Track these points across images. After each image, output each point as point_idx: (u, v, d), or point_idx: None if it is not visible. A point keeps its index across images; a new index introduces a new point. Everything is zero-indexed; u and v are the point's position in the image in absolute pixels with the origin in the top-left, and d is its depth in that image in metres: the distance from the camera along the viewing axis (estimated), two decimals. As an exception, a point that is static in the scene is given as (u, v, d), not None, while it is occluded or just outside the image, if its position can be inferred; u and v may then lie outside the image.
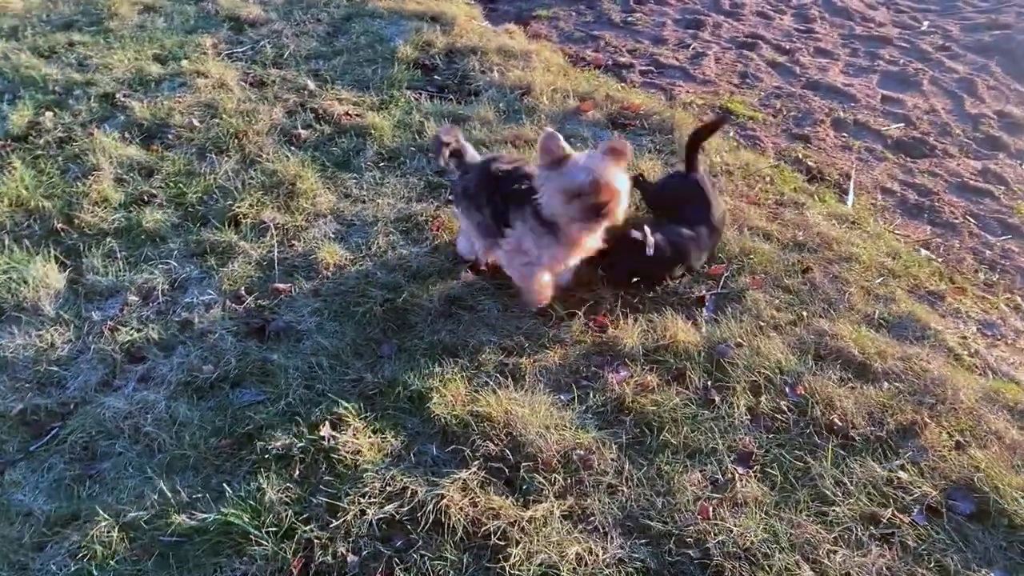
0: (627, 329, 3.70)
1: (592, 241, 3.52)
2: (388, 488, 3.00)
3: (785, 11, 7.93)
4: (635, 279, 3.94)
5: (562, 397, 3.41)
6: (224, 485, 3.04)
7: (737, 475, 3.10)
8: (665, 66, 6.60)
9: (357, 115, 5.29)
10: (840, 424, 3.30)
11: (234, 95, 5.47)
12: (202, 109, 5.32)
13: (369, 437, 3.21)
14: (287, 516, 2.91)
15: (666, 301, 3.92)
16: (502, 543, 2.83)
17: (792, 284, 4.03)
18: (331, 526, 2.88)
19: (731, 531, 2.88)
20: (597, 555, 2.81)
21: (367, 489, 2.99)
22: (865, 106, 6.13)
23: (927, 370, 3.56)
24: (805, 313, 3.86)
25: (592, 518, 2.95)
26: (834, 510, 2.98)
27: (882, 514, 2.97)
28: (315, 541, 2.84)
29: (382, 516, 2.92)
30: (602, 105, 5.49)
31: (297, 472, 3.08)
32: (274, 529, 2.87)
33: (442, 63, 6.05)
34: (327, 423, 3.24)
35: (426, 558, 2.79)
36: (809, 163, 5.26)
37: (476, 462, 3.11)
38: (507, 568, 2.75)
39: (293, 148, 4.97)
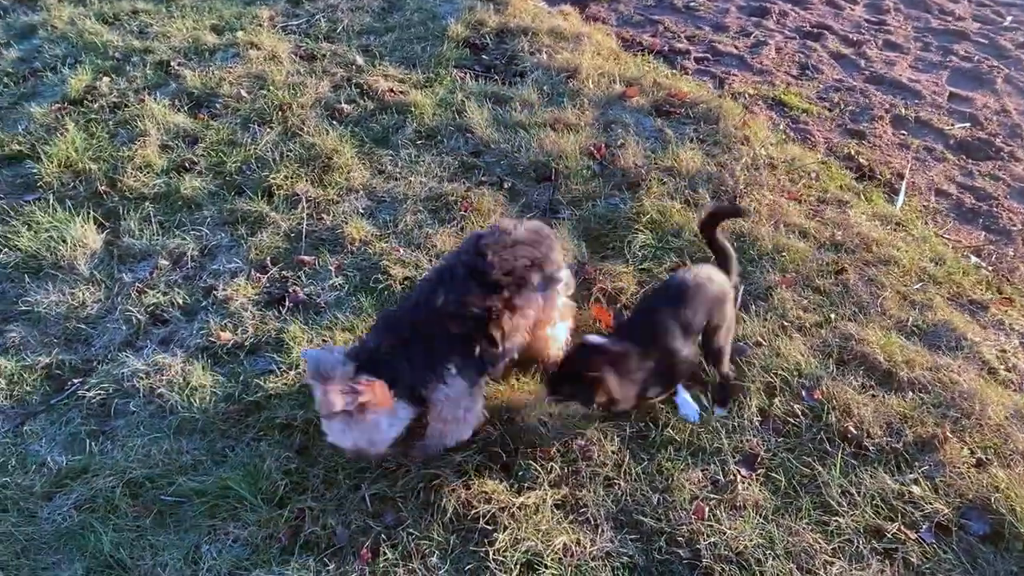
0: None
1: None
2: (384, 464, 3.03)
3: (857, 1, 7.62)
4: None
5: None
6: (227, 451, 3.12)
7: (739, 477, 3.03)
8: (722, 54, 6.43)
9: (401, 92, 5.30)
10: (855, 432, 3.18)
11: (284, 67, 5.54)
12: (251, 80, 5.41)
13: (373, 413, 3.23)
14: (283, 485, 2.96)
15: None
16: (490, 527, 2.83)
17: (823, 285, 3.89)
18: (324, 498, 2.92)
19: (725, 534, 2.82)
20: (584, 547, 2.79)
21: (363, 464, 3.02)
22: (930, 103, 5.86)
23: (956, 382, 3.40)
24: (833, 315, 3.73)
25: (585, 509, 2.92)
26: (837, 520, 2.88)
27: (887, 528, 2.86)
28: (307, 511, 2.89)
29: (375, 492, 2.95)
30: (649, 91, 5.38)
31: (298, 442, 3.13)
32: (269, 497, 2.93)
33: (492, 43, 6.01)
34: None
35: (414, 536, 2.81)
36: (861, 160, 5.06)
37: (474, 445, 3.11)
38: (491, 552, 2.74)
39: (334, 123, 5.01)
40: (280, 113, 5.04)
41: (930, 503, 2.93)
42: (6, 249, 4.03)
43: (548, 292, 3.14)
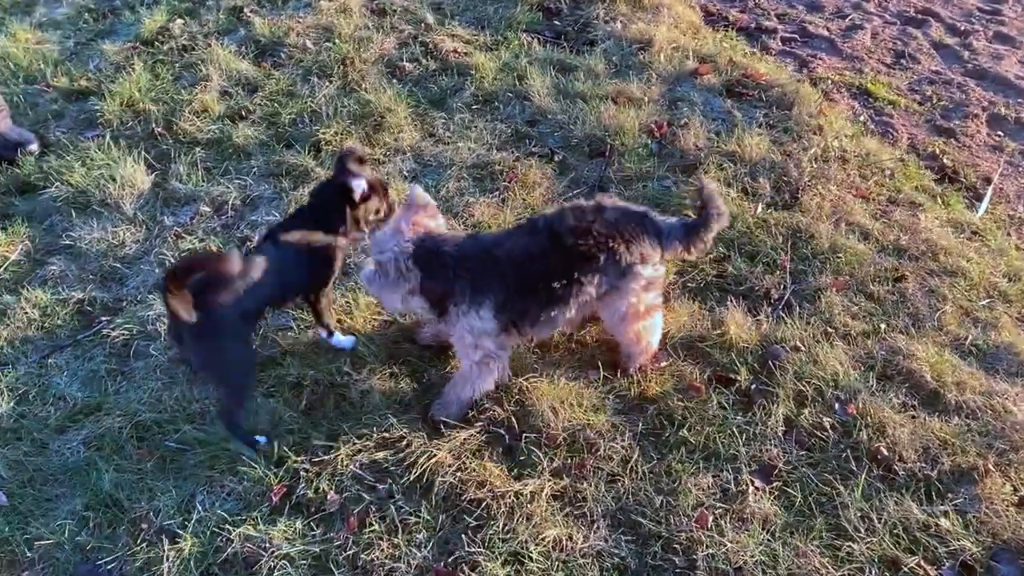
0: (677, 311, 3.47)
1: None
2: (385, 435, 2.98)
3: (972, -13, 7.08)
4: None
5: (590, 374, 3.25)
6: (235, 405, 3.12)
7: (752, 488, 2.86)
8: (812, 35, 6.06)
9: (465, 54, 5.18)
10: (886, 454, 2.96)
11: (353, 21, 5.48)
12: (318, 31, 5.37)
13: (384, 381, 3.19)
14: (283, 444, 2.94)
15: (732, 290, 3.64)
16: (483, 511, 2.75)
17: (878, 292, 3.63)
18: (321, 462, 2.89)
19: (725, 546, 2.67)
20: (576, 542, 2.68)
21: (365, 431, 2.98)
22: (1036, 103, 5.41)
23: (1010, 411, 3.13)
24: (884, 325, 3.48)
25: (583, 504, 2.81)
26: (850, 546, 2.69)
27: (905, 561, 2.65)
28: (302, 473, 2.86)
29: (374, 460, 2.91)
30: (723, 70, 5.10)
31: (304, 403, 3.11)
32: (268, 454, 2.92)
33: (566, 8, 5.80)
34: (347, 358, 3.25)
35: (403, 511, 2.76)
36: (945, 161, 4.69)
37: (479, 424, 3.03)
38: (476, 539, 2.67)
39: (394, 80, 4.94)
40: (342, 67, 5.00)
41: (958, 539, 2.71)
42: (58, 183, 4.12)
43: (622, 283, 2.94)
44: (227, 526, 2.70)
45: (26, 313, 3.49)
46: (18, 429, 3.06)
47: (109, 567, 2.65)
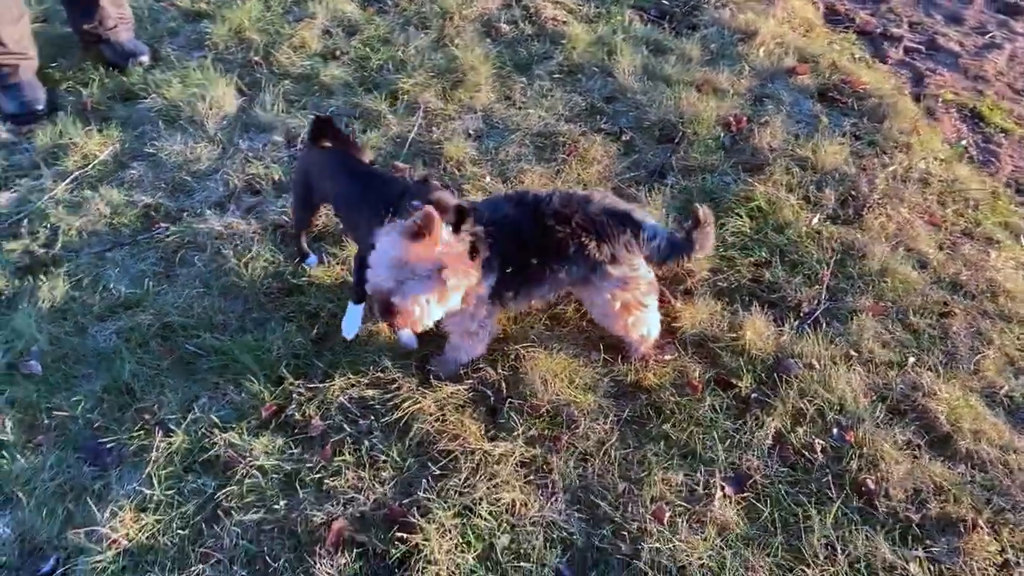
0: (697, 307, 3.43)
1: None
2: (379, 376, 3.12)
3: None
4: None
5: (592, 354, 3.27)
6: (255, 322, 3.35)
7: (721, 493, 2.83)
8: (939, 49, 5.69)
9: (564, 22, 5.19)
10: (871, 487, 2.86)
11: (463, -24, 5.57)
12: (428, -17, 5.50)
13: (392, 326, 3.33)
14: (286, 366, 3.14)
15: (763, 297, 3.56)
16: (450, 464, 2.86)
17: (918, 324, 3.46)
18: (315, 389, 3.07)
19: (673, 544, 2.67)
20: (529, 510, 2.75)
21: (362, 368, 3.14)
22: None
23: None
24: (912, 359, 3.32)
25: (547, 475, 2.87)
26: (804, 571, 2.63)
27: (858, 597, 2.59)
28: (295, 396, 3.05)
29: (363, 396, 3.06)
30: (823, 72, 4.89)
31: (316, 332, 3.29)
32: (270, 373, 3.12)
33: (679, -11, 5.70)
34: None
35: (377, 449, 2.90)
36: (1046, 199, 4.37)
37: (469, 381, 3.12)
38: (436, 487, 2.78)
39: (487, 40, 5.02)
40: (440, 21, 5.11)
41: (923, 588, 2.62)
42: (155, 95, 4.45)
43: (593, 277, 2.94)
44: (216, 430, 2.93)
45: (99, 209, 3.83)
46: (66, 311, 3.39)
47: (109, 446, 2.93)
